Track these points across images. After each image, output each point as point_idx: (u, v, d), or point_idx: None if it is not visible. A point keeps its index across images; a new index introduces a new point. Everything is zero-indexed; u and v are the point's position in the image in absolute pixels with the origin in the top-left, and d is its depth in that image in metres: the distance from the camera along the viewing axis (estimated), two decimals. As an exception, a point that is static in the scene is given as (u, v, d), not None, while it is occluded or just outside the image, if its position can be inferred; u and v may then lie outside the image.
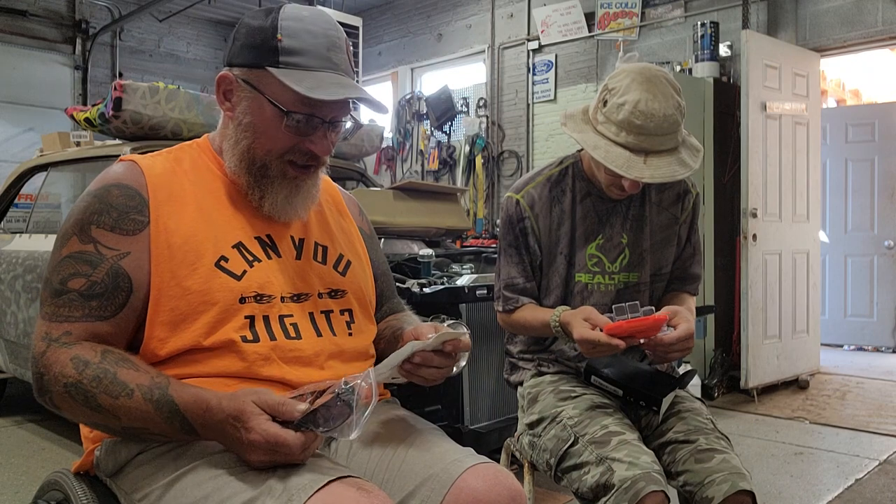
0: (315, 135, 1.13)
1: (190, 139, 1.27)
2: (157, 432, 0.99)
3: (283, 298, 1.13)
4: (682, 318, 1.42)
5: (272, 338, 1.10)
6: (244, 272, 1.11)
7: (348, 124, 1.21)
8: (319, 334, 1.15)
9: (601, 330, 1.39)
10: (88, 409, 0.99)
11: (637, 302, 1.46)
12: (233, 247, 1.12)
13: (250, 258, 1.13)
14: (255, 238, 1.16)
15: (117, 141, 3.24)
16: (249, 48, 1.12)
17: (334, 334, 1.17)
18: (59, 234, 1.09)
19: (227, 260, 1.10)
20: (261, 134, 1.12)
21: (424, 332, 1.11)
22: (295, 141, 1.12)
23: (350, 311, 1.22)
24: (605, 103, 1.47)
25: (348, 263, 1.25)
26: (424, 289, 2.52)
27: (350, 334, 1.20)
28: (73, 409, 1.01)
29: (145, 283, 1.07)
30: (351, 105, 1.17)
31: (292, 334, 1.12)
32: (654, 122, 1.40)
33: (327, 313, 1.18)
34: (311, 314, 1.16)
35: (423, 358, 1.08)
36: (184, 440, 1.01)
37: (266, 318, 1.11)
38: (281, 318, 1.12)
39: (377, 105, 1.16)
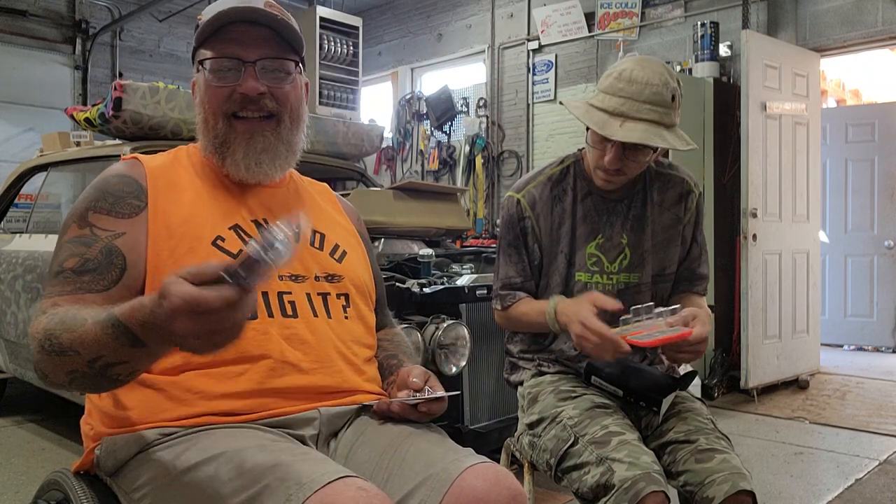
0: (242, 78, 1.15)
1: (190, 139, 1.31)
2: (113, 359, 0.92)
3: (280, 277, 1.16)
4: (699, 321, 1.41)
5: (270, 314, 1.12)
6: (240, 251, 1.12)
7: (294, 69, 1.21)
8: (316, 315, 1.17)
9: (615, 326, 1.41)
10: (56, 355, 0.94)
11: (652, 303, 1.46)
12: (229, 228, 1.16)
13: (247, 239, 1.16)
14: (252, 221, 1.19)
15: (117, 141, 3.23)
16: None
17: (330, 316, 1.19)
18: (63, 223, 1.13)
19: (223, 240, 1.14)
20: (205, 102, 1.18)
21: (415, 383, 1.17)
22: (227, 92, 1.16)
23: (347, 296, 1.24)
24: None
25: (344, 253, 1.28)
26: (424, 289, 2.52)
27: (346, 317, 1.22)
28: (49, 366, 0.96)
29: (141, 262, 1.09)
30: (290, 49, 1.19)
31: (289, 312, 1.14)
32: (636, 87, 1.44)
33: (324, 295, 1.21)
34: (308, 295, 1.18)
35: (400, 410, 1.15)
36: (139, 361, 0.94)
37: (265, 294, 1.13)
38: (280, 294, 1.15)
39: (285, 27, 1.17)
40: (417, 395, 1.14)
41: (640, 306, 1.44)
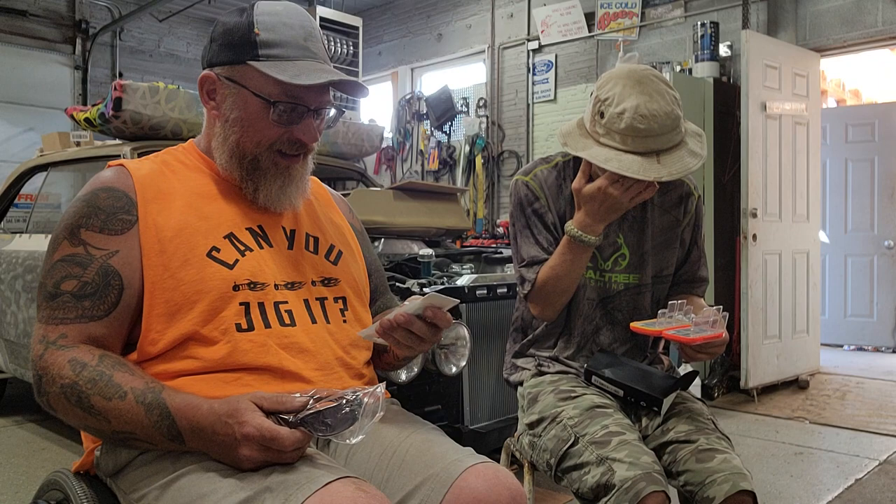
0: (302, 123, 1.16)
1: (190, 139, 1.29)
2: (143, 438, 0.99)
3: (276, 286, 1.15)
4: (720, 323, 1.43)
5: (267, 325, 1.11)
6: (236, 261, 1.12)
7: (332, 112, 1.25)
8: (314, 321, 1.16)
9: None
10: (81, 410, 0.99)
11: (684, 301, 1.47)
12: (224, 237, 1.14)
13: (242, 248, 1.14)
14: (247, 229, 1.17)
15: (117, 141, 3.23)
16: (229, 46, 1.16)
17: (328, 322, 1.18)
18: (51, 240, 1.12)
19: (218, 250, 1.12)
20: (248, 127, 1.15)
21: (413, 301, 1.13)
22: (282, 131, 1.15)
23: (344, 299, 1.23)
24: (601, 115, 1.45)
25: (339, 254, 1.27)
26: (424, 289, 2.52)
27: (344, 321, 1.21)
28: (67, 411, 1.01)
29: (137, 279, 1.08)
30: (332, 94, 1.21)
31: (287, 321, 1.13)
32: (658, 123, 1.40)
33: (322, 300, 1.20)
34: (305, 301, 1.17)
35: (405, 319, 1.09)
36: (167, 448, 1.01)
37: (261, 305, 1.12)
38: (276, 304, 1.14)
39: (359, 88, 1.20)
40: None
41: (674, 302, 1.46)
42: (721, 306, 1.45)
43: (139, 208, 1.12)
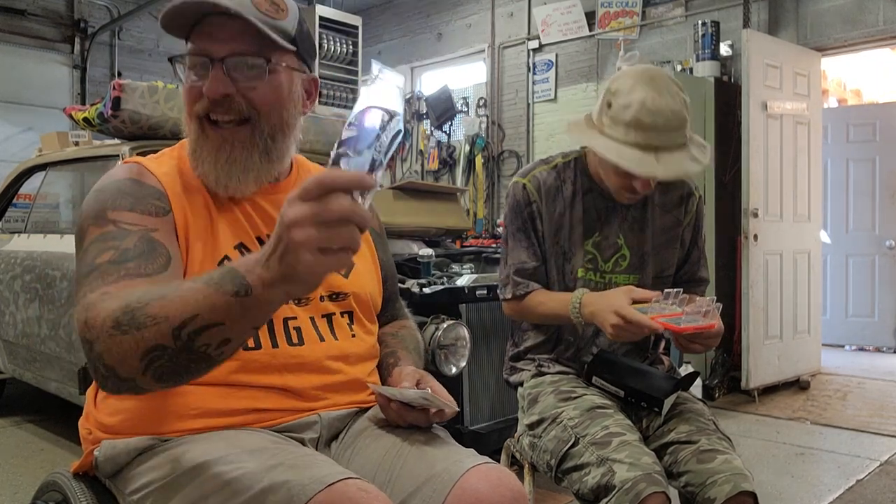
0: (208, 77, 1.04)
1: None
2: (206, 313, 0.81)
3: None
4: (714, 314, 1.42)
5: (274, 345, 1.09)
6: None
7: (277, 63, 1.06)
8: (322, 339, 1.14)
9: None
10: (135, 330, 0.83)
11: (680, 290, 1.45)
12: (235, 247, 1.11)
13: None
14: (256, 238, 1.14)
15: (116, 140, 3.23)
16: None
17: (336, 338, 1.17)
18: (77, 235, 1.04)
19: (229, 260, 1.09)
20: (184, 102, 1.10)
21: (406, 385, 1.13)
22: (197, 92, 1.06)
23: (351, 314, 1.21)
24: (609, 105, 1.46)
25: (351, 265, 1.24)
26: (424, 289, 2.51)
27: (353, 336, 1.20)
28: (123, 346, 0.84)
29: (181, 260, 1.02)
30: (270, 41, 1.04)
31: (295, 340, 1.11)
32: (663, 119, 1.40)
33: (329, 316, 1.18)
34: (312, 318, 1.15)
35: (398, 407, 1.10)
36: (235, 316, 0.81)
37: (270, 323, 1.10)
38: (285, 320, 1.11)
39: (267, 18, 1.02)
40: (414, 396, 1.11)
41: (670, 290, 1.45)
42: (714, 297, 1.44)
43: (170, 199, 1.07)
